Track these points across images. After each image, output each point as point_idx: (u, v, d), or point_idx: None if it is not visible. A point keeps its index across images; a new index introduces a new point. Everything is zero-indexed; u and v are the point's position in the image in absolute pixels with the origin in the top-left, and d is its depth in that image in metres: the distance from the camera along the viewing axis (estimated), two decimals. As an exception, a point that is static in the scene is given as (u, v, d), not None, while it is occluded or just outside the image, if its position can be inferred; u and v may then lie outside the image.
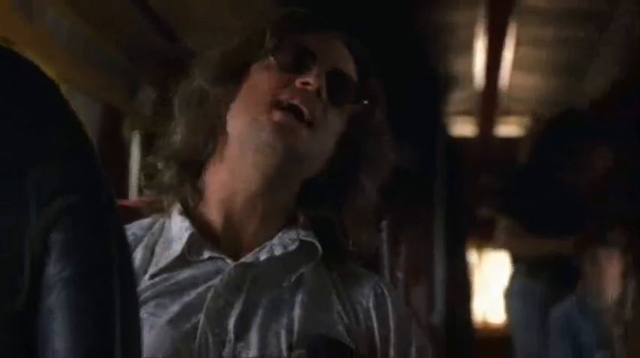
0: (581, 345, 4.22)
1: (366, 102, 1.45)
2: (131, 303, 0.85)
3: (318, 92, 1.38)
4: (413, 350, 1.40)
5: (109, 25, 3.51)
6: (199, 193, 1.42)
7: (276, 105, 1.36)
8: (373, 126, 1.47)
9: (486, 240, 7.47)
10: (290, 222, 1.42)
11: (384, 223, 1.63)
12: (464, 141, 7.69)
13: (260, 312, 1.34)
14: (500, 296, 5.03)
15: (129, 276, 0.86)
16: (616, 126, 4.79)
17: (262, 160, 1.36)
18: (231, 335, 1.31)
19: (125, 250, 0.87)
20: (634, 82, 5.37)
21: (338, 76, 1.42)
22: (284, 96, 1.37)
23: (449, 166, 6.74)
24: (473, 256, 8.00)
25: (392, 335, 1.40)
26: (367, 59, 1.48)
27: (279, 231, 1.41)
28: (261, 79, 1.40)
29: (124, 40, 3.66)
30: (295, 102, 1.36)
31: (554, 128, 4.64)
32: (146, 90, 3.84)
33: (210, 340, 1.30)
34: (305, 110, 1.36)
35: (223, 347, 1.30)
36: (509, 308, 4.82)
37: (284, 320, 1.34)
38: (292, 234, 1.40)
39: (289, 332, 1.33)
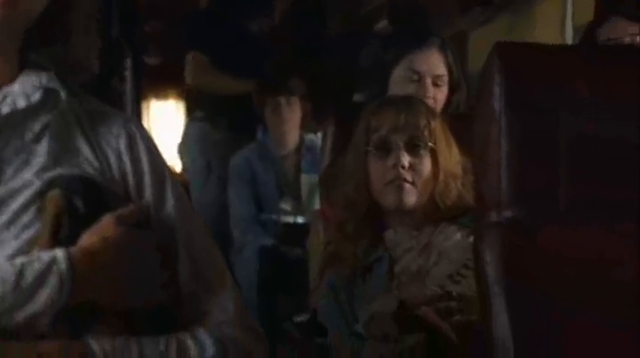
0: (262, 193, 4.26)
1: None
2: None
3: None
4: (168, 190, 1.38)
5: None
6: None
7: None
8: None
9: (155, 87, 7.41)
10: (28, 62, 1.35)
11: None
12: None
13: (6, 167, 1.28)
14: (170, 145, 4.99)
15: None
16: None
17: None
18: None
19: None
20: None
21: None
22: None
23: (123, 12, 6.54)
24: (144, 104, 7.93)
25: (146, 177, 1.37)
26: None
27: (19, 70, 1.33)
28: None
29: None
30: None
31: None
32: None
33: None
34: None
35: None
36: (186, 156, 4.77)
37: (33, 170, 1.29)
38: (34, 78, 1.33)
39: (40, 179, 1.28)
